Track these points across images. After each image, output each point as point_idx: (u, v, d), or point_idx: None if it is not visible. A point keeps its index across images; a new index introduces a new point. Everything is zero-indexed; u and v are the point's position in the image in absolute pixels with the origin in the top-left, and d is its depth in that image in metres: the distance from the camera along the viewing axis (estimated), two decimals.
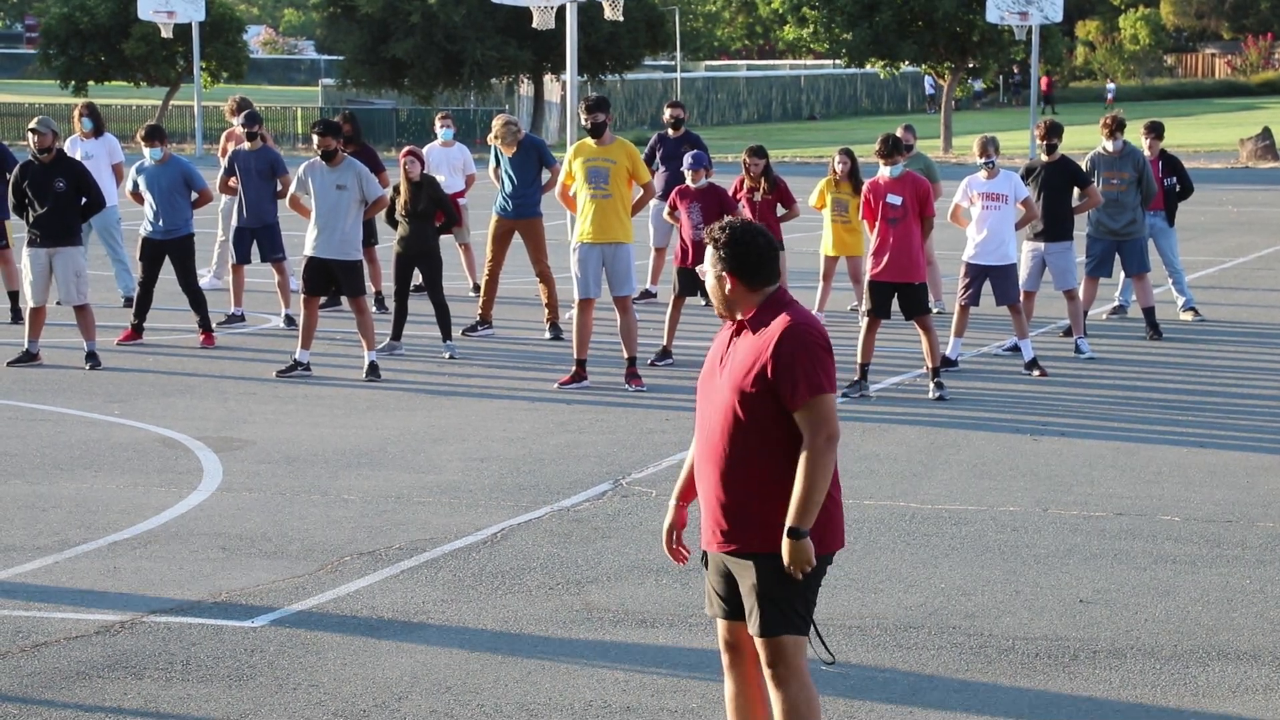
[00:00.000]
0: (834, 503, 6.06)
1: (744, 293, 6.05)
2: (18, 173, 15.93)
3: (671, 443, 12.65)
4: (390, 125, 59.37)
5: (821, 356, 5.93)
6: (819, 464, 5.89)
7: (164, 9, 50.71)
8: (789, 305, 6.04)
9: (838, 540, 6.10)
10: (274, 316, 18.53)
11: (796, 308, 6.04)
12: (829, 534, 6.04)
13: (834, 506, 6.06)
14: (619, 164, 14.71)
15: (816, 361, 5.91)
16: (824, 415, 5.90)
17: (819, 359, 5.92)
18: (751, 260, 6.01)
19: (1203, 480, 11.69)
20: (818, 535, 5.96)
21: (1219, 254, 25.78)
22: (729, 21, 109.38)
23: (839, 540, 6.11)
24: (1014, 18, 47.88)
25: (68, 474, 11.68)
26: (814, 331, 5.96)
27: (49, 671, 7.91)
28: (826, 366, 5.94)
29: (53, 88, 67.86)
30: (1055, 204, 16.33)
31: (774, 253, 6.08)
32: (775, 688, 6.08)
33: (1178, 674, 7.96)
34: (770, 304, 6.04)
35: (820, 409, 5.89)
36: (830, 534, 6.05)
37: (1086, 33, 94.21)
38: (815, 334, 5.96)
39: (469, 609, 8.83)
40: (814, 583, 6.04)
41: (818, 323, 6.06)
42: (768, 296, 6.05)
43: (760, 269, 6.03)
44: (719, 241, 6.05)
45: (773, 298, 6.05)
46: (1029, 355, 15.51)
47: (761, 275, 6.04)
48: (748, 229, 6.07)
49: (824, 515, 5.98)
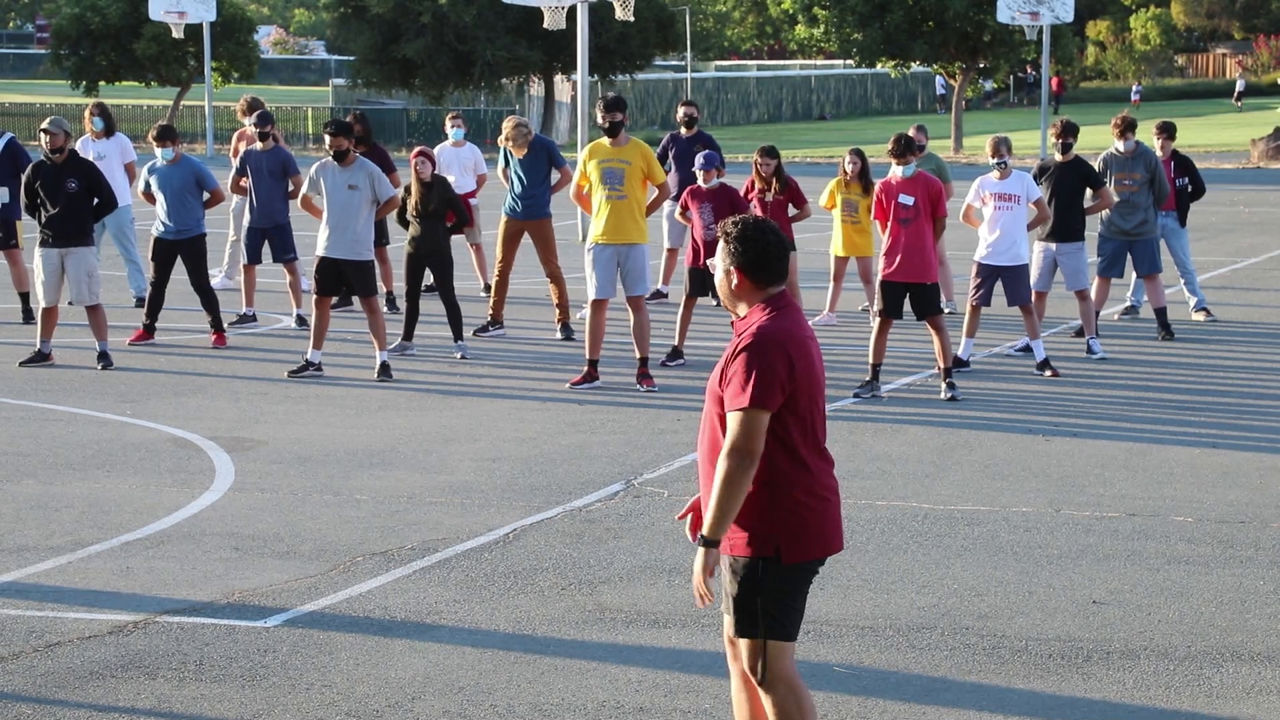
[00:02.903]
0: (810, 509, 5.99)
1: (749, 289, 6.04)
2: (30, 173, 15.95)
3: (684, 443, 12.65)
4: (401, 125, 59.38)
5: (765, 371, 5.84)
6: (724, 476, 5.85)
7: (175, 9, 50.74)
8: (779, 310, 5.99)
9: (816, 548, 6.03)
10: (285, 317, 18.54)
11: (782, 314, 5.98)
12: (804, 541, 5.99)
13: (810, 513, 5.99)
14: (634, 164, 14.71)
15: (758, 374, 5.84)
16: (737, 429, 5.84)
17: (762, 372, 5.84)
18: (760, 257, 6.00)
19: (1216, 481, 11.67)
20: (787, 542, 5.94)
21: (1231, 254, 25.74)
22: (739, 21, 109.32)
23: (819, 548, 6.03)
24: (1025, 17, 47.80)
25: (80, 474, 11.69)
26: (773, 343, 5.89)
27: (62, 671, 7.92)
28: (765, 381, 5.84)
29: (64, 88, 67.95)
30: (1068, 204, 16.31)
31: (783, 252, 6.05)
32: (761, 691, 6.09)
33: (1191, 675, 7.95)
34: (765, 306, 6.01)
35: (737, 420, 5.85)
36: (806, 541, 5.99)
37: (1097, 33, 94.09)
38: (773, 345, 5.89)
39: (481, 609, 8.83)
40: (789, 588, 6.01)
41: (791, 334, 5.95)
42: (769, 297, 6.03)
43: (767, 267, 6.02)
44: (730, 235, 6.04)
45: (773, 299, 6.03)
46: (1041, 355, 15.49)
47: (768, 273, 6.02)
48: (760, 225, 6.05)
49: (796, 522, 5.96)
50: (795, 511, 5.98)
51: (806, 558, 6.02)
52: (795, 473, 5.98)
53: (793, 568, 5.99)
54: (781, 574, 5.99)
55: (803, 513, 5.98)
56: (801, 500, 5.98)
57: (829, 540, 6.08)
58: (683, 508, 6.48)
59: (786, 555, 5.97)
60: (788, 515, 5.98)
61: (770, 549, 5.98)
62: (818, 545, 6.04)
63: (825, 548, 6.07)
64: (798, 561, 6.00)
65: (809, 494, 5.99)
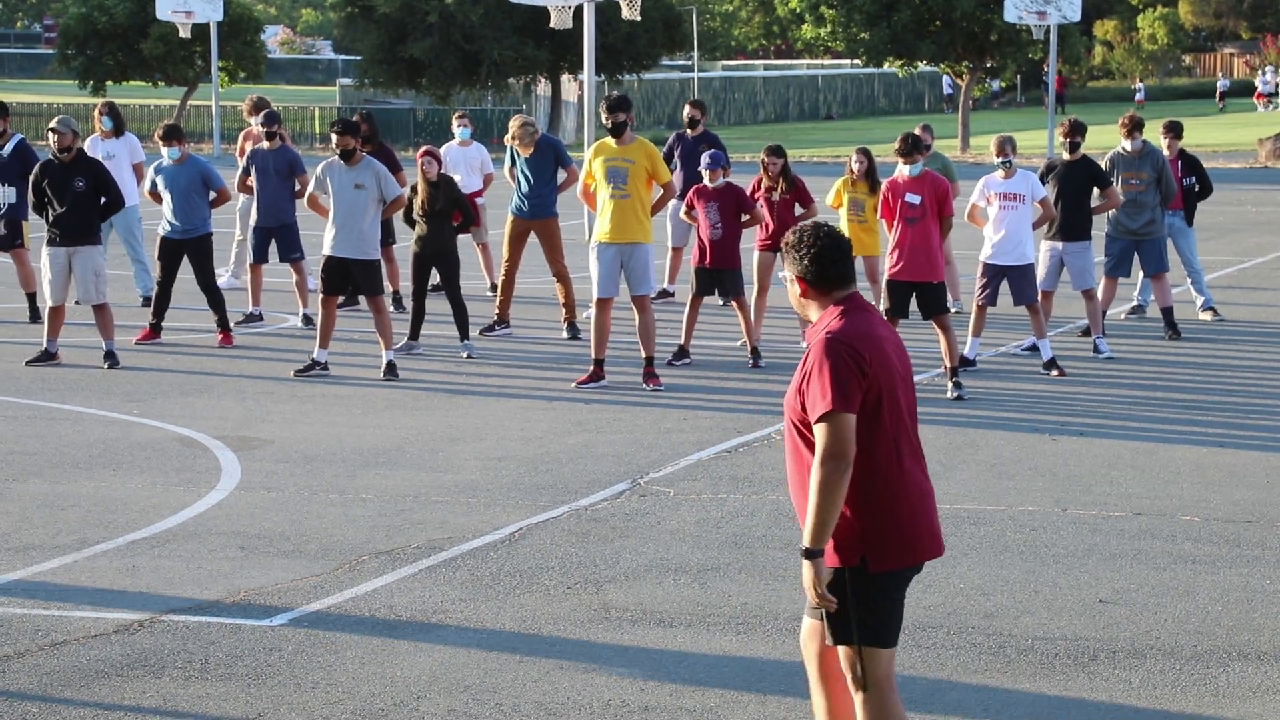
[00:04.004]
0: (897, 515, 5.89)
1: (814, 295, 5.99)
2: (38, 172, 15.97)
3: (689, 442, 12.64)
4: (408, 125, 59.39)
5: (838, 372, 5.79)
6: (818, 484, 5.77)
7: (182, 9, 50.77)
8: (849, 312, 5.93)
9: (904, 555, 5.92)
10: (292, 316, 18.54)
11: (852, 315, 5.92)
12: (890, 549, 5.89)
13: (897, 519, 5.89)
14: (638, 164, 14.70)
15: (832, 377, 5.78)
16: (825, 434, 5.78)
17: (838, 374, 5.79)
18: (818, 262, 5.94)
19: (1222, 480, 11.66)
20: (872, 551, 5.86)
21: (1238, 254, 25.72)
22: (746, 21, 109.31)
23: (907, 555, 5.92)
24: (1032, 17, 47.75)
25: (86, 473, 11.70)
26: (840, 344, 5.83)
27: (68, 670, 7.92)
28: (840, 383, 5.78)
29: (71, 87, 68.00)
30: (1074, 203, 16.29)
31: (842, 255, 5.97)
32: (855, 696, 6.04)
33: (1198, 675, 7.94)
34: (835, 309, 5.95)
35: (823, 427, 5.79)
36: (893, 548, 5.89)
37: (1104, 32, 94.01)
38: (841, 346, 5.83)
39: (487, 608, 8.83)
40: (880, 595, 5.91)
41: (859, 333, 5.88)
42: (838, 300, 5.96)
43: (828, 272, 5.95)
44: (788, 244, 6.01)
45: (842, 302, 5.96)
46: (1047, 355, 15.48)
47: (830, 278, 5.96)
48: (817, 231, 5.99)
49: (882, 529, 5.87)
50: (880, 519, 5.88)
51: (893, 566, 5.91)
52: (880, 477, 5.88)
53: (881, 575, 5.90)
54: (870, 582, 5.89)
55: (889, 519, 5.88)
56: (887, 506, 5.89)
57: (920, 545, 5.96)
58: (689, 507, 6.47)
59: (872, 564, 5.88)
60: (875, 522, 5.88)
61: (856, 558, 5.89)
62: (906, 553, 5.93)
63: (914, 554, 5.95)
64: (884, 570, 5.91)
65: (895, 499, 5.90)
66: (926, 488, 6.01)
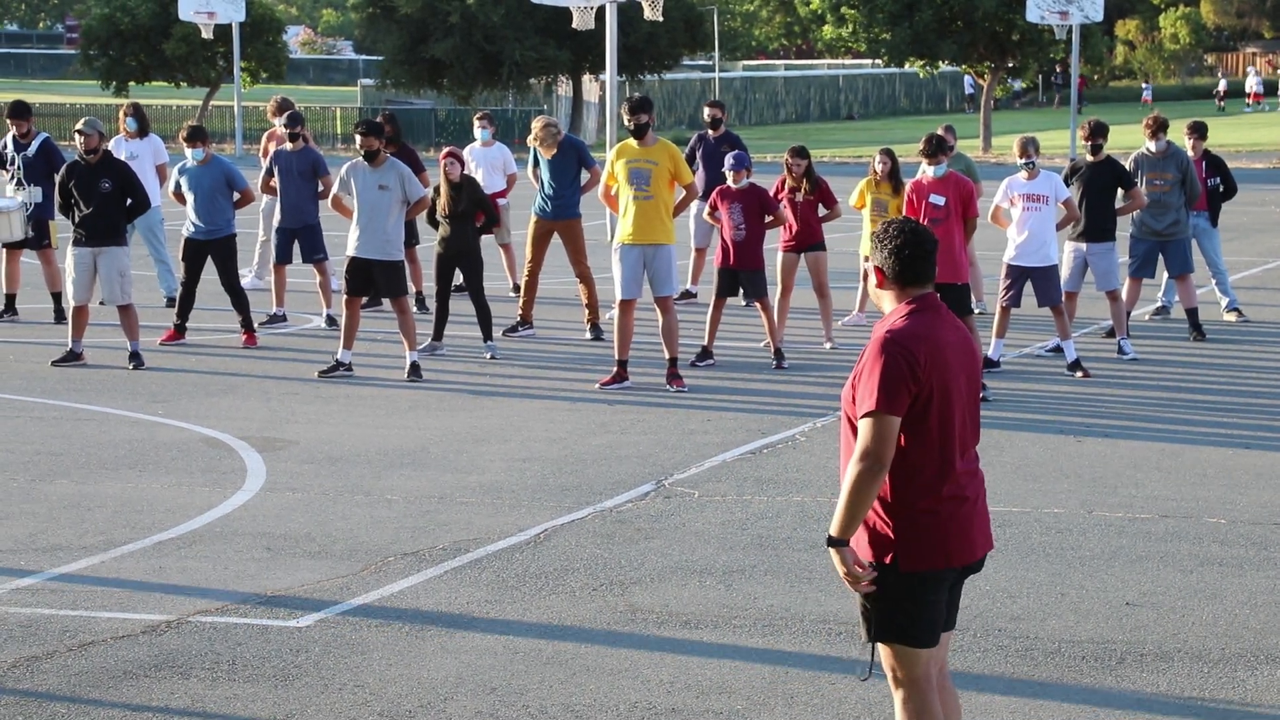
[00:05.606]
0: (936, 516, 5.87)
1: (889, 287, 5.98)
2: (64, 173, 16.03)
3: (714, 443, 12.64)
4: (429, 125, 59.44)
5: (888, 373, 5.78)
6: (851, 478, 5.79)
7: (204, 10, 50.90)
8: (917, 311, 5.92)
9: (937, 557, 5.89)
10: (315, 317, 18.57)
11: (919, 315, 5.91)
12: (924, 549, 5.87)
13: (935, 521, 5.87)
14: (661, 165, 14.69)
15: (881, 377, 5.78)
16: (867, 432, 5.78)
17: (888, 376, 5.78)
18: (896, 257, 5.93)
19: (1249, 482, 11.62)
20: (904, 550, 5.85)
21: (1262, 254, 25.63)
22: (767, 21, 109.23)
23: (940, 557, 5.90)
24: (1054, 17, 47.66)
25: (112, 474, 11.73)
26: (896, 344, 5.82)
27: (96, 671, 7.94)
28: (888, 384, 5.77)
29: (94, 88, 68.19)
30: (1099, 204, 16.25)
31: (924, 255, 5.94)
32: (894, 692, 6.06)
33: (1225, 677, 7.92)
34: (905, 308, 5.94)
35: (865, 425, 5.79)
36: (926, 549, 5.87)
37: (1126, 32, 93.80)
38: (896, 347, 5.81)
39: (513, 610, 8.83)
40: (913, 595, 5.89)
41: (918, 334, 5.86)
42: (912, 298, 5.95)
43: (905, 268, 5.94)
44: (875, 235, 6.02)
45: (915, 301, 5.95)
46: (1072, 356, 15.45)
47: (906, 274, 5.95)
48: (902, 226, 5.99)
49: (917, 529, 5.86)
50: (916, 519, 5.87)
51: (925, 566, 5.89)
52: (918, 480, 5.87)
53: (913, 575, 5.89)
54: (901, 581, 5.89)
55: (926, 520, 5.87)
56: (926, 508, 5.87)
57: (959, 547, 5.93)
58: (714, 508, 6.47)
59: (904, 563, 5.88)
60: (908, 523, 5.87)
61: (888, 556, 5.88)
62: (939, 554, 5.90)
63: (950, 556, 5.92)
64: (916, 570, 5.89)
65: (938, 500, 5.87)
66: (971, 493, 5.97)
